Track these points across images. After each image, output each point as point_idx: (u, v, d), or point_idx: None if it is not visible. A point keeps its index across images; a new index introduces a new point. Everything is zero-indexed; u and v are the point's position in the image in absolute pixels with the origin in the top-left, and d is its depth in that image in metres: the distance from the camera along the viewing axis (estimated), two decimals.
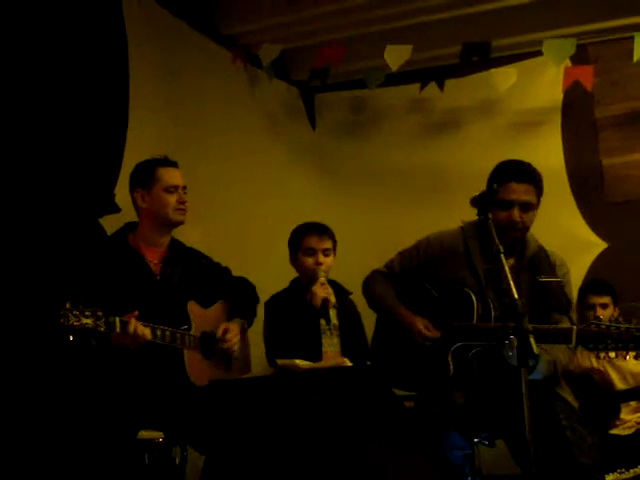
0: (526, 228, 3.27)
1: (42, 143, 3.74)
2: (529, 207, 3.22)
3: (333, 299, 3.58)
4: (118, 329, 2.92)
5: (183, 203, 3.35)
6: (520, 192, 3.18)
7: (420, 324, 3.27)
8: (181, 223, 3.39)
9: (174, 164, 3.40)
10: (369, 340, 3.74)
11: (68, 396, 3.42)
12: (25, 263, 3.52)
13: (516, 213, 3.18)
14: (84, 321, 2.81)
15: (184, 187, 3.38)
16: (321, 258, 3.69)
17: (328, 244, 3.75)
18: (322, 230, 3.77)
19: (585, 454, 2.93)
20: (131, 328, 2.95)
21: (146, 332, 3.03)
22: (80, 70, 3.94)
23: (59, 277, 3.45)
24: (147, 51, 4.41)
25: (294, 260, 3.80)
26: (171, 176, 3.36)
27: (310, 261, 3.70)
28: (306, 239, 3.74)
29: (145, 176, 3.35)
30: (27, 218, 3.61)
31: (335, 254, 3.79)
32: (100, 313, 2.86)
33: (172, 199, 3.32)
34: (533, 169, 3.28)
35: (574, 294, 3.40)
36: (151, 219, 3.35)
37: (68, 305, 2.80)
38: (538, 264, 3.27)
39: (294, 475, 2.70)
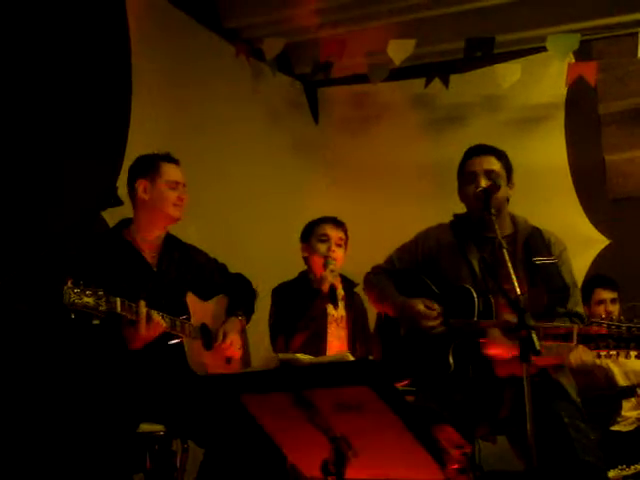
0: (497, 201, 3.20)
1: (45, 136, 3.74)
2: (495, 175, 3.26)
3: (342, 292, 3.61)
4: (119, 309, 2.94)
5: (182, 200, 3.37)
6: (481, 163, 3.27)
7: (420, 305, 3.24)
8: (177, 219, 3.40)
9: (176, 161, 3.43)
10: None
11: (69, 388, 3.42)
12: (26, 255, 3.52)
13: (482, 181, 3.22)
14: (85, 300, 2.83)
15: (184, 185, 3.40)
16: (334, 247, 3.75)
17: (342, 235, 3.84)
18: (338, 222, 3.88)
19: (588, 452, 2.91)
20: (142, 309, 2.98)
21: (159, 319, 3.04)
22: (82, 63, 3.94)
23: (59, 265, 3.44)
24: (150, 44, 4.42)
25: (306, 248, 3.83)
26: (174, 172, 3.39)
27: (323, 248, 3.75)
28: (321, 226, 3.83)
29: (148, 168, 3.36)
30: (28, 211, 3.61)
31: (346, 250, 3.84)
32: (101, 292, 2.88)
33: (173, 195, 3.34)
34: (492, 146, 3.35)
35: (576, 280, 3.36)
36: (150, 212, 3.35)
37: (69, 283, 2.81)
38: (533, 245, 3.26)
39: (291, 468, 2.71)
